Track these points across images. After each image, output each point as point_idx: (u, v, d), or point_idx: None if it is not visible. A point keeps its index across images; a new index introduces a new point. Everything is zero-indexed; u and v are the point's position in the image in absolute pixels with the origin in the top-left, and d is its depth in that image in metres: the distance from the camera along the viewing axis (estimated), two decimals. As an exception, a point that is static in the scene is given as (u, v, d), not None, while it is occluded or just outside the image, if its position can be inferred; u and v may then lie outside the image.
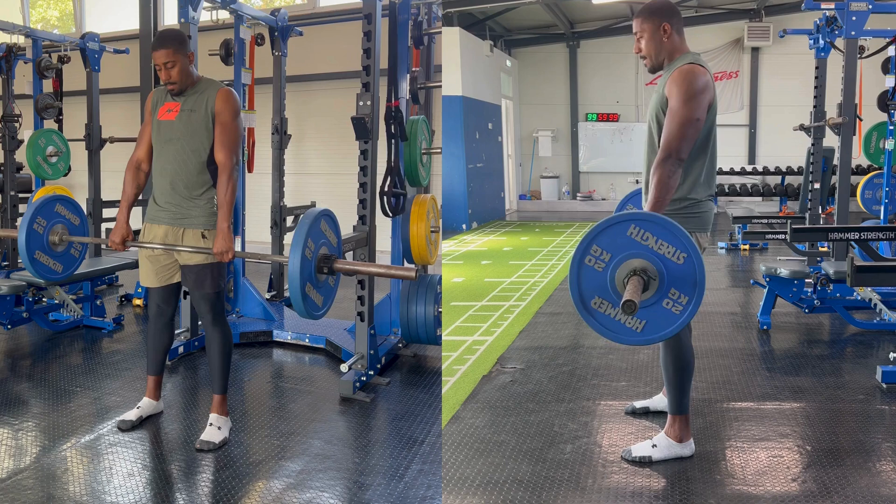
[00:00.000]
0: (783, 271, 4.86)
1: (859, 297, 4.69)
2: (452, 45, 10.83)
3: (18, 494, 2.80)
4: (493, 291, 6.32)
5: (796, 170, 12.36)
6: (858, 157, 6.19)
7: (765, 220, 7.32)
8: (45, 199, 3.61)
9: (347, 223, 4.31)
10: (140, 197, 3.49)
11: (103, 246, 6.49)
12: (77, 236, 3.69)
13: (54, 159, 6.44)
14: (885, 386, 3.76)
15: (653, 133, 2.81)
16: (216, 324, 3.35)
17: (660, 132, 2.73)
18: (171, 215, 3.28)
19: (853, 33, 4.71)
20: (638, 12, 2.85)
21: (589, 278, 2.36)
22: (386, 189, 4.28)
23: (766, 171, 13.18)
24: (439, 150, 4.94)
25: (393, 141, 4.32)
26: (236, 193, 3.23)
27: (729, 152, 14.19)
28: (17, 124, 6.21)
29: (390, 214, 4.38)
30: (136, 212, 3.76)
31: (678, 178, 2.63)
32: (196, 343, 4.69)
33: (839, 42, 5.11)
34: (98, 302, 5.39)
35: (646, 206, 2.62)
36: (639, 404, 3.43)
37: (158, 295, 3.45)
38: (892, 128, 5.56)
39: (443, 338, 4.70)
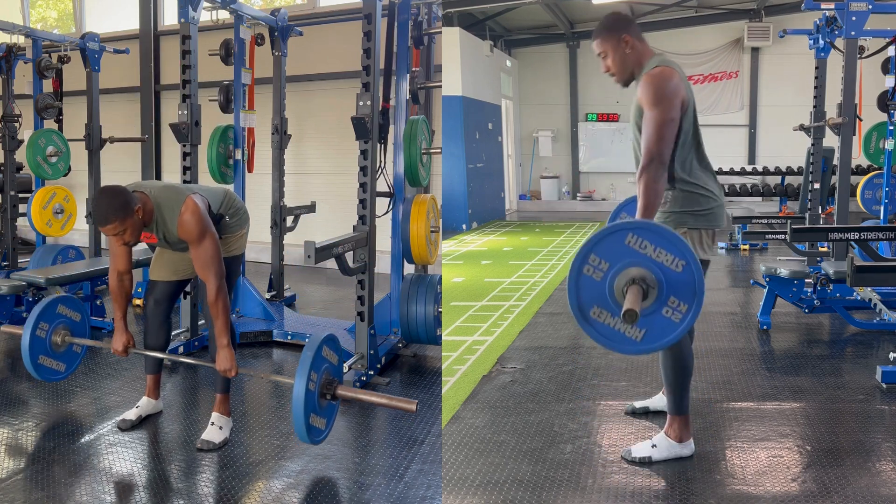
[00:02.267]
0: (783, 271, 4.86)
1: (859, 297, 4.68)
2: (452, 45, 10.83)
3: (18, 494, 2.80)
4: (493, 291, 6.32)
5: (796, 170, 12.36)
6: (858, 157, 6.19)
7: (765, 220, 7.32)
8: (47, 303, 3.60)
9: (347, 223, 4.31)
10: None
11: (104, 246, 6.49)
12: (78, 338, 3.70)
13: (54, 159, 6.43)
14: (885, 386, 3.76)
15: (637, 141, 2.80)
16: None
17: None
18: None
19: (853, 33, 4.71)
20: (595, 33, 2.84)
21: (587, 288, 2.36)
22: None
23: (766, 171, 13.18)
24: (439, 150, 4.95)
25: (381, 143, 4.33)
26: (230, 308, 3.20)
27: (729, 152, 14.19)
28: (17, 124, 6.21)
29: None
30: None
31: (664, 181, 2.63)
32: (196, 343, 4.69)
33: (839, 42, 5.10)
34: (98, 302, 5.39)
35: (637, 213, 2.61)
36: (638, 404, 3.43)
37: (160, 290, 3.46)
38: (892, 128, 5.57)
39: (443, 338, 4.70)
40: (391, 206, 4.69)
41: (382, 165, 4.40)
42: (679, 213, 2.76)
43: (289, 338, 4.94)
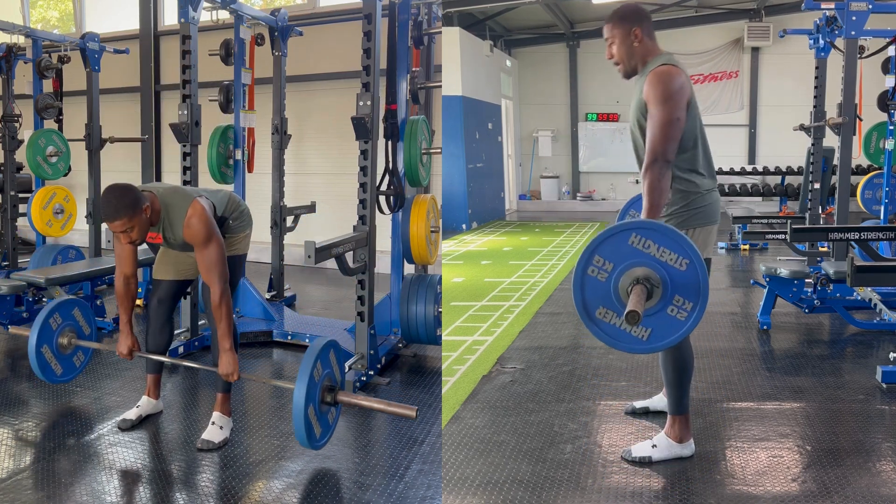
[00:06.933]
0: (783, 271, 4.86)
1: (859, 297, 4.68)
2: (452, 45, 10.83)
3: (18, 494, 2.80)
4: (493, 291, 6.32)
5: (796, 170, 12.36)
6: (858, 157, 6.19)
7: (765, 220, 7.32)
8: (66, 300, 3.68)
9: (347, 223, 4.31)
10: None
11: (104, 246, 6.50)
12: (84, 341, 3.74)
13: (54, 159, 6.43)
14: (885, 386, 3.76)
15: (636, 139, 2.82)
16: None
17: (643, 136, 2.73)
18: None
19: (853, 33, 4.71)
20: (608, 18, 2.85)
21: (592, 288, 2.36)
22: (384, 189, 4.33)
23: (766, 171, 13.18)
24: (439, 150, 4.94)
25: (389, 142, 4.34)
26: (232, 314, 3.20)
27: (729, 152, 14.19)
28: (17, 124, 6.21)
29: (385, 211, 4.46)
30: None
31: (668, 179, 2.64)
32: (196, 343, 4.69)
33: (839, 42, 5.11)
34: (98, 302, 5.38)
35: (643, 213, 2.62)
36: (638, 404, 3.43)
37: (164, 289, 3.46)
38: (892, 128, 5.57)
39: (443, 338, 4.70)
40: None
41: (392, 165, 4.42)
42: (679, 211, 2.77)
43: (289, 338, 4.94)
